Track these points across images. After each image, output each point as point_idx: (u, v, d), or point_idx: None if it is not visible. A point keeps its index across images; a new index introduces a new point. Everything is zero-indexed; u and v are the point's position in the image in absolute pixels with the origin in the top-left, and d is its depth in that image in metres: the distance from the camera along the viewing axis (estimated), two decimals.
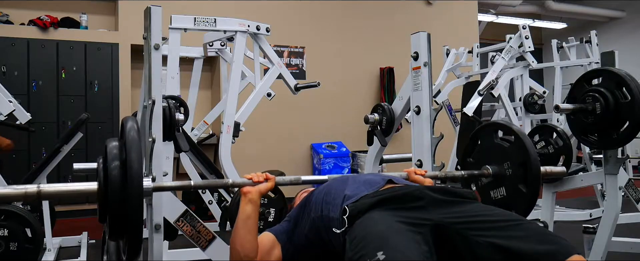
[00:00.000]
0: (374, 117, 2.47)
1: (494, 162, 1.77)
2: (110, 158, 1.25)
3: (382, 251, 1.18)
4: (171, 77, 2.98)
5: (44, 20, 5.26)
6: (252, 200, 1.59)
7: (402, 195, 1.43)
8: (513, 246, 1.24)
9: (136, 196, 1.22)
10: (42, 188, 1.24)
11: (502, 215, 1.37)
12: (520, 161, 1.68)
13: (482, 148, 1.86)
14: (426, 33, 2.14)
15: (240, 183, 1.63)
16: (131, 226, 1.24)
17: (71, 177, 5.10)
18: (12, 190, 1.23)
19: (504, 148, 1.75)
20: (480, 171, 1.80)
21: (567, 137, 2.41)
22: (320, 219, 1.55)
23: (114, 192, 1.22)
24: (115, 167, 1.23)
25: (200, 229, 1.77)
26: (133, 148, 1.26)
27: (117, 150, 1.27)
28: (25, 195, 1.23)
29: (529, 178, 1.65)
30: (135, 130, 1.31)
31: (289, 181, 1.69)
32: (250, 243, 1.55)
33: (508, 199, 1.72)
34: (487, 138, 1.85)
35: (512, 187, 1.70)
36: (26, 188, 1.23)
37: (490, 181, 1.78)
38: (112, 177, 1.23)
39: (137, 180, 1.23)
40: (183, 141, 1.94)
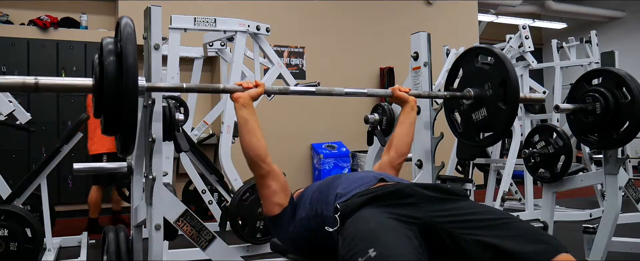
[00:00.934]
0: (374, 117, 2.47)
1: (475, 85, 1.83)
2: (106, 53, 1.26)
3: (374, 248, 1.19)
4: (171, 77, 2.98)
5: (44, 20, 5.26)
6: (245, 104, 1.64)
7: (392, 192, 1.44)
8: (501, 244, 1.25)
9: (131, 91, 1.24)
10: (40, 80, 1.25)
11: (491, 213, 1.38)
12: (500, 80, 1.72)
13: (464, 73, 1.92)
14: (426, 33, 2.14)
15: (231, 89, 1.68)
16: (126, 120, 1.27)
17: (71, 177, 5.11)
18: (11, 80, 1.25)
19: (484, 70, 1.81)
20: (462, 92, 1.86)
21: (567, 137, 2.40)
22: (314, 217, 1.56)
23: (109, 87, 1.24)
24: (110, 62, 1.25)
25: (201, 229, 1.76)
26: (128, 44, 1.27)
27: (112, 45, 1.28)
28: (23, 85, 1.25)
29: (508, 95, 1.69)
30: (131, 27, 1.33)
31: (278, 90, 1.76)
32: (256, 142, 1.61)
33: (488, 118, 1.78)
34: (468, 63, 1.90)
35: (493, 106, 1.76)
36: (24, 79, 1.25)
37: (472, 103, 1.84)
38: (107, 72, 1.24)
39: (133, 75, 1.24)
40: (183, 141, 1.94)
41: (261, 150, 1.61)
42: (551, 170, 2.47)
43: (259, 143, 1.61)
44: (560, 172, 2.44)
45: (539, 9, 9.44)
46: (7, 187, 3.28)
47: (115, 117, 1.28)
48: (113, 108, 1.26)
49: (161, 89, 1.57)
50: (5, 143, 4.86)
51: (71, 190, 5.15)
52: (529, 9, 9.41)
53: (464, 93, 1.85)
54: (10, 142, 4.88)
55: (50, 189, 3.26)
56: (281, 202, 1.63)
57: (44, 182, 3.14)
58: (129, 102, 1.25)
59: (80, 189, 5.19)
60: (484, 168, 4.81)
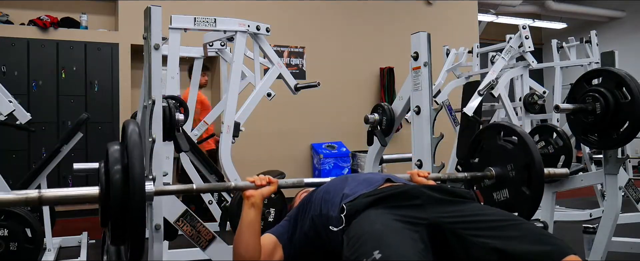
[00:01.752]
0: (374, 117, 2.47)
1: (497, 163, 1.77)
2: (112, 162, 1.24)
3: (379, 250, 1.19)
4: (171, 77, 2.98)
5: (44, 20, 5.25)
6: (255, 204, 1.60)
7: (399, 193, 1.43)
8: (508, 246, 1.24)
9: (138, 202, 1.21)
10: (44, 193, 1.23)
11: (498, 214, 1.37)
12: (524, 163, 1.67)
13: (485, 149, 1.86)
14: (426, 33, 2.13)
15: (243, 186, 1.63)
16: (133, 231, 1.24)
17: (71, 177, 5.11)
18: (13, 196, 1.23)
19: (507, 149, 1.75)
20: (484, 173, 1.80)
21: (567, 137, 2.41)
22: (319, 217, 1.56)
23: (115, 197, 1.21)
24: (116, 171, 1.22)
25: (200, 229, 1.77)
26: (134, 152, 1.25)
27: (118, 154, 1.26)
28: (26, 200, 1.23)
29: (532, 181, 1.64)
30: (137, 134, 1.30)
31: (292, 184, 1.69)
32: (254, 247, 1.56)
33: (511, 201, 1.72)
34: (490, 139, 1.85)
35: (515, 189, 1.70)
36: (27, 194, 1.23)
37: (494, 183, 1.78)
38: (113, 181, 1.22)
39: (139, 185, 1.21)
40: (183, 141, 1.94)
41: (257, 255, 1.56)
42: None
43: (256, 247, 1.57)
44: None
45: (539, 9, 9.44)
46: (7, 187, 3.28)
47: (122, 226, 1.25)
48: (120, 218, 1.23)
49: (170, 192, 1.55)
50: (5, 143, 4.86)
51: None
52: (529, 9, 9.41)
53: (485, 173, 1.80)
54: (10, 142, 4.88)
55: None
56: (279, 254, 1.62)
57: (44, 182, 3.14)
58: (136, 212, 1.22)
59: None
60: None
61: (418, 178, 1.80)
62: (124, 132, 1.33)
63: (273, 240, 1.63)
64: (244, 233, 1.56)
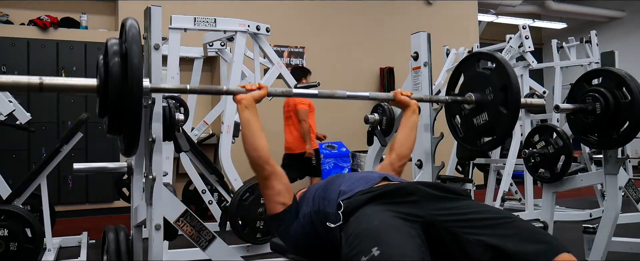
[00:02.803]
0: (374, 117, 2.47)
1: (476, 89, 1.84)
2: (111, 54, 1.27)
3: (377, 247, 1.19)
4: (171, 77, 2.98)
5: (44, 20, 5.26)
6: (248, 106, 1.66)
7: (395, 189, 1.44)
8: (502, 244, 1.25)
9: (136, 92, 1.25)
10: (44, 80, 1.26)
11: (493, 212, 1.38)
12: (501, 85, 1.73)
13: (466, 79, 1.93)
14: (426, 33, 2.14)
15: (234, 90, 1.70)
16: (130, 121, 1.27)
17: (71, 176, 5.11)
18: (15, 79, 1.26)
19: (485, 75, 1.82)
20: (464, 97, 1.87)
21: (567, 137, 2.40)
22: (316, 214, 1.57)
23: (114, 88, 1.24)
24: (115, 63, 1.25)
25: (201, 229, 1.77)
26: (133, 44, 1.28)
27: (117, 47, 1.28)
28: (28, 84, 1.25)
29: (509, 100, 1.70)
30: (136, 28, 1.34)
31: (281, 92, 1.77)
32: (259, 144, 1.62)
33: (490, 122, 1.79)
34: (470, 68, 1.91)
35: (494, 111, 1.77)
36: (29, 79, 1.26)
37: (473, 107, 1.85)
38: (112, 72, 1.25)
39: (137, 76, 1.25)
40: (183, 141, 1.94)
41: (264, 151, 1.62)
42: (551, 170, 2.46)
43: (262, 144, 1.62)
44: (560, 172, 2.44)
45: (539, 9, 9.45)
46: (7, 187, 3.28)
47: (119, 118, 1.28)
48: (117, 109, 1.27)
49: (165, 90, 1.59)
50: (5, 143, 4.86)
51: (71, 190, 5.15)
52: (529, 9, 9.41)
53: (465, 97, 1.86)
54: (10, 142, 4.88)
55: (50, 189, 3.26)
56: (285, 201, 1.63)
57: (44, 181, 3.14)
58: (133, 103, 1.26)
59: (80, 189, 5.19)
60: (484, 168, 4.81)
61: (401, 97, 1.93)
62: (123, 27, 1.36)
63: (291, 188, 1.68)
64: (246, 135, 1.64)
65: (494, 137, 1.82)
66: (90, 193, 5.24)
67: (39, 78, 1.25)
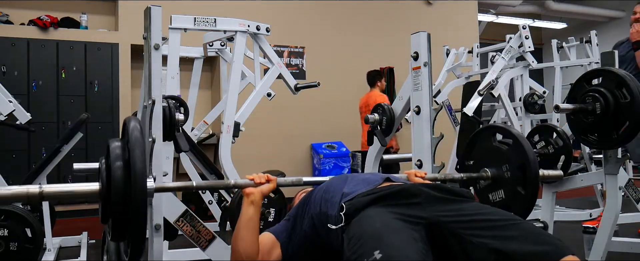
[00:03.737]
0: (374, 117, 2.47)
1: (492, 164, 1.78)
2: (113, 158, 1.24)
3: (379, 250, 1.19)
4: (171, 77, 2.98)
5: (44, 20, 5.25)
6: (254, 202, 1.60)
7: (398, 191, 1.44)
8: (506, 247, 1.24)
9: (140, 198, 1.21)
10: (45, 188, 1.22)
11: (496, 214, 1.38)
12: (519, 164, 1.68)
13: (481, 151, 1.87)
14: (426, 33, 2.13)
15: (242, 184, 1.63)
16: (134, 227, 1.23)
17: (71, 176, 5.11)
18: (14, 191, 1.22)
19: (502, 151, 1.76)
20: (479, 174, 1.81)
21: (567, 137, 2.40)
22: (318, 216, 1.56)
23: (117, 193, 1.21)
24: (118, 167, 1.22)
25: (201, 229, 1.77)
26: (136, 148, 1.24)
27: (120, 150, 1.26)
28: (28, 195, 1.21)
29: (527, 181, 1.66)
30: (138, 130, 1.30)
31: (291, 182, 1.69)
32: (252, 244, 1.56)
33: (507, 201, 1.73)
34: (485, 141, 1.86)
35: (511, 190, 1.71)
36: (28, 189, 1.22)
37: (489, 184, 1.79)
38: (115, 177, 1.21)
39: (141, 180, 1.21)
40: (183, 141, 1.94)
41: (254, 253, 1.56)
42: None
43: (254, 245, 1.57)
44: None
45: (539, 9, 9.44)
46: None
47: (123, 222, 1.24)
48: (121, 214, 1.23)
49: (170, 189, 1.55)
50: (5, 143, 4.86)
51: None
52: (529, 9, 9.40)
53: (480, 174, 1.81)
54: (10, 142, 4.88)
55: None
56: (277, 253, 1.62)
57: (44, 181, 3.14)
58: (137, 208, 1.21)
59: None
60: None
61: (415, 179, 1.81)
62: (125, 128, 1.33)
63: (271, 239, 1.64)
64: (242, 231, 1.57)
65: None
66: None
67: (39, 186, 1.21)
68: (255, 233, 1.58)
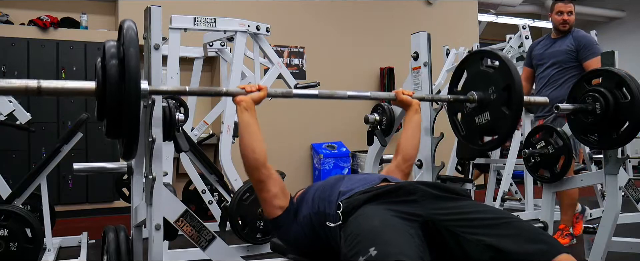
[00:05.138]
0: (374, 117, 2.47)
1: (479, 88, 1.82)
2: (109, 57, 1.27)
3: (374, 247, 1.19)
4: (171, 77, 2.98)
5: (44, 20, 5.26)
6: (247, 108, 1.64)
7: (394, 189, 1.44)
8: (502, 244, 1.25)
9: (133, 95, 1.25)
10: (42, 83, 1.26)
11: (492, 212, 1.38)
12: (504, 85, 1.72)
13: (469, 76, 1.91)
14: (426, 33, 2.14)
15: (234, 92, 1.68)
16: (127, 125, 1.27)
17: (71, 176, 5.11)
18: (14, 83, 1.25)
19: (488, 74, 1.80)
20: (466, 96, 1.85)
21: (567, 137, 2.40)
22: (316, 215, 1.57)
23: (111, 91, 1.24)
24: (113, 65, 1.25)
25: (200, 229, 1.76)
26: (131, 47, 1.27)
27: (115, 49, 1.28)
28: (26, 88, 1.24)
29: (512, 101, 1.69)
30: (133, 30, 1.34)
31: (281, 93, 1.74)
32: (257, 146, 1.61)
33: (492, 122, 1.78)
34: (473, 66, 1.89)
35: (496, 110, 1.75)
36: (27, 83, 1.25)
37: (475, 106, 1.83)
38: (110, 75, 1.24)
39: (134, 78, 1.25)
40: (183, 141, 1.94)
41: (262, 154, 1.61)
42: (551, 170, 2.46)
43: (259, 146, 1.61)
44: (560, 172, 2.44)
45: (539, 9, 9.44)
46: (7, 187, 3.28)
47: (117, 121, 1.28)
48: (115, 112, 1.26)
49: (163, 92, 1.58)
50: (5, 143, 4.86)
51: (71, 190, 5.15)
52: (529, 9, 9.40)
53: (467, 96, 1.85)
54: (10, 142, 4.88)
55: (50, 189, 3.26)
56: (282, 204, 1.63)
57: (44, 182, 3.14)
58: (131, 106, 1.25)
59: (80, 189, 5.19)
60: (484, 168, 4.80)
61: (403, 96, 1.92)
62: (121, 29, 1.35)
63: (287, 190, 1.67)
64: (244, 136, 1.62)
65: (495, 137, 1.81)
66: (90, 193, 5.24)
67: (37, 81, 1.25)
68: (257, 136, 1.63)
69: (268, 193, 1.62)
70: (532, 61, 3.52)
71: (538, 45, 3.52)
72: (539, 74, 3.41)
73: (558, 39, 3.41)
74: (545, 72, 3.36)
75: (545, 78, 3.35)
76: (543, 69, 3.38)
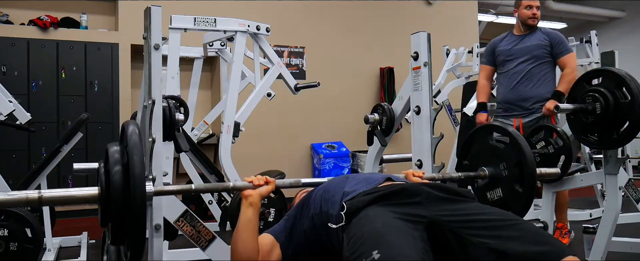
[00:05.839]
0: (374, 117, 2.47)
1: (489, 163, 1.79)
2: (112, 162, 1.24)
3: (377, 250, 1.19)
4: (171, 77, 2.98)
5: (44, 20, 5.25)
6: (253, 204, 1.61)
7: (398, 190, 1.44)
8: (506, 247, 1.25)
9: (139, 202, 1.21)
10: (44, 194, 1.23)
11: (496, 214, 1.38)
12: (516, 161, 1.69)
13: (478, 150, 1.88)
14: (426, 33, 2.13)
15: (241, 186, 1.64)
16: (133, 231, 1.24)
17: (71, 177, 5.11)
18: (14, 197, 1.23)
19: (499, 149, 1.77)
20: (477, 173, 1.82)
21: (567, 137, 2.40)
22: (319, 216, 1.56)
23: (116, 198, 1.21)
24: (117, 171, 1.22)
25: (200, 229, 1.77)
26: (135, 152, 1.25)
27: (118, 154, 1.26)
28: (27, 201, 1.22)
29: (525, 178, 1.66)
30: (137, 135, 1.30)
31: (289, 184, 1.70)
32: (252, 246, 1.57)
33: (505, 200, 1.74)
34: (482, 139, 1.86)
35: (508, 188, 1.72)
36: (28, 195, 1.22)
37: (487, 182, 1.80)
38: (113, 181, 1.22)
39: (140, 185, 1.21)
40: (183, 141, 1.94)
41: (254, 255, 1.58)
42: None
43: (254, 246, 1.58)
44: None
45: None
46: (7, 186, 3.28)
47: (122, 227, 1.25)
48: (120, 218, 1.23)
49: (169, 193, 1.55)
50: (5, 143, 4.86)
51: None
52: None
53: (478, 173, 1.82)
54: (10, 142, 4.87)
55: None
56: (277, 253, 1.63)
57: (44, 182, 3.14)
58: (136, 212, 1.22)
59: None
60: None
61: (413, 178, 1.81)
62: (124, 132, 1.33)
63: (270, 240, 1.64)
64: (241, 232, 1.58)
65: None
66: None
67: (38, 192, 1.22)
68: (255, 235, 1.59)
69: None
70: (495, 58, 3.42)
71: (502, 42, 3.40)
72: (510, 70, 3.30)
73: (526, 34, 3.32)
74: (518, 68, 3.26)
75: (519, 74, 3.25)
76: (515, 65, 3.28)
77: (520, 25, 3.37)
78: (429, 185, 1.51)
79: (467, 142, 1.94)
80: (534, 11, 3.31)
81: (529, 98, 3.19)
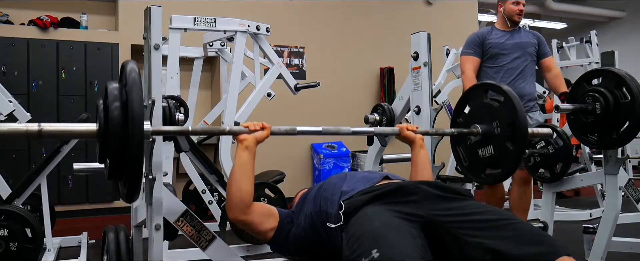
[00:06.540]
0: (374, 117, 2.47)
1: (483, 121, 1.82)
2: (111, 99, 1.26)
3: (377, 249, 1.19)
4: (171, 77, 2.98)
5: (44, 20, 5.25)
6: (248, 147, 1.63)
7: (396, 189, 1.44)
8: (502, 247, 1.25)
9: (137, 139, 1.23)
10: (44, 126, 1.25)
11: (494, 213, 1.38)
12: (509, 120, 1.72)
13: (472, 108, 1.91)
14: (426, 33, 2.14)
15: (237, 130, 1.67)
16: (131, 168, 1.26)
17: (71, 176, 5.11)
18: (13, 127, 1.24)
19: (493, 107, 1.80)
20: (469, 129, 1.85)
21: (567, 137, 2.40)
22: (317, 215, 1.57)
23: (114, 134, 1.23)
24: (115, 107, 1.24)
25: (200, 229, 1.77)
26: (133, 89, 1.26)
27: (117, 91, 1.27)
28: (27, 132, 1.23)
29: (516, 137, 1.69)
30: (136, 72, 1.32)
31: (285, 131, 1.71)
32: (246, 188, 1.59)
33: (495, 157, 1.77)
34: (477, 98, 1.89)
35: (500, 145, 1.75)
36: (27, 126, 1.24)
37: (479, 140, 1.83)
38: (112, 118, 1.23)
39: (139, 121, 1.23)
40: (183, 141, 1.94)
41: (249, 197, 1.59)
42: (551, 170, 2.46)
43: (248, 188, 1.59)
44: (560, 172, 2.44)
45: (539, 9, 9.44)
46: (7, 187, 3.28)
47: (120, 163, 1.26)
48: (118, 154, 1.25)
49: (166, 132, 1.57)
50: (5, 143, 4.86)
51: (71, 190, 5.15)
52: (529, 9, 9.39)
53: (471, 129, 1.83)
54: (10, 142, 4.88)
55: (50, 189, 3.26)
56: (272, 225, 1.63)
57: (44, 182, 3.14)
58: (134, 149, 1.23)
59: (80, 189, 5.19)
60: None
61: (407, 132, 1.87)
62: (123, 70, 1.35)
63: (273, 210, 1.66)
64: (236, 174, 1.60)
65: (500, 170, 1.80)
66: (90, 193, 5.24)
67: (38, 125, 1.23)
68: (250, 178, 1.60)
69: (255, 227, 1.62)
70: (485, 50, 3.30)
71: (491, 34, 3.31)
72: (505, 65, 3.21)
73: (514, 30, 3.28)
74: (513, 63, 3.19)
75: (515, 70, 3.19)
76: (510, 60, 3.20)
77: (506, 20, 3.32)
78: (426, 183, 1.51)
79: (462, 100, 1.98)
80: (520, 7, 3.30)
81: (523, 95, 3.18)
